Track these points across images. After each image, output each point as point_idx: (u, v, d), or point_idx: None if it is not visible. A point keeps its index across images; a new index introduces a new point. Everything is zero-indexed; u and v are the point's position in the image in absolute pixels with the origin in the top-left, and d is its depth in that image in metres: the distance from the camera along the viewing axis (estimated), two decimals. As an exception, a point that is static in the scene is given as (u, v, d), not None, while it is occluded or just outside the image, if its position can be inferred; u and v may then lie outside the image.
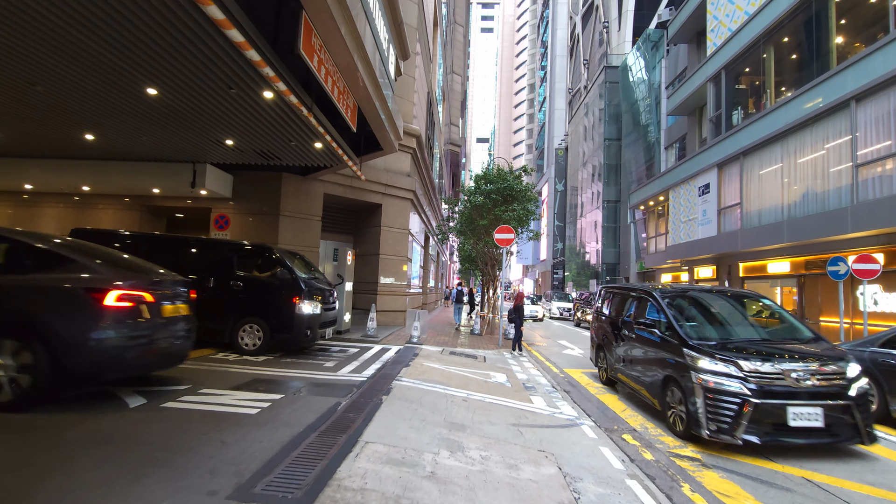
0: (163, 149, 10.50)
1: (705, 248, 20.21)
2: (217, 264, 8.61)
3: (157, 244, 9.18)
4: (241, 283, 8.43)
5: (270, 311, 8.20)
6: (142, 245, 8.91)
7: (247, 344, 8.18)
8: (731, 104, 19.74)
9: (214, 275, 8.45)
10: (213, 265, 8.60)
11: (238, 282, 8.43)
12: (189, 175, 11.47)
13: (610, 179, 39.54)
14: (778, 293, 18.57)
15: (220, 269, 8.52)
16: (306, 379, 6.60)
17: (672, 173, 24.25)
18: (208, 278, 8.35)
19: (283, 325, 8.16)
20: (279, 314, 8.17)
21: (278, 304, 8.19)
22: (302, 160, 11.00)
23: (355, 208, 15.48)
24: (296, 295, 8.20)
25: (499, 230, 13.17)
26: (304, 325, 8.23)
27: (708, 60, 20.96)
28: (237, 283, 8.42)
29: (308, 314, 8.27)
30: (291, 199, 12.88)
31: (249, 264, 8.76)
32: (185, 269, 7.87)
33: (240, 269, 8.58)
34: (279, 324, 8.17)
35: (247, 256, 8.81)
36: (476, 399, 6.48)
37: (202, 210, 13.14)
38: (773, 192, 16.58)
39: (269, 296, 8.32)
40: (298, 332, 8.18)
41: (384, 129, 9.10)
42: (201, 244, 9.23)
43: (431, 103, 22.24)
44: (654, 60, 32.25)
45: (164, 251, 8.92)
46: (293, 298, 8.19)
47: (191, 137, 9.39)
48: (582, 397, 7.75)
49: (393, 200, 15.16)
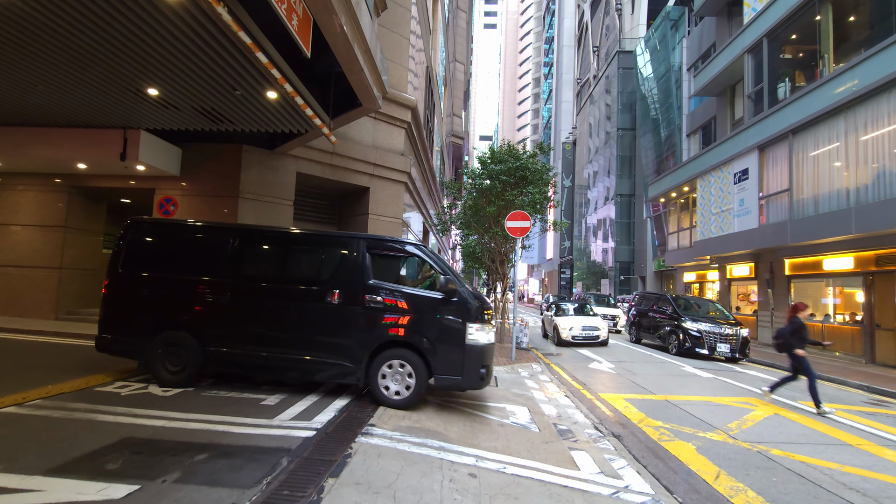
0: (77, 107, 8.05)
1: (743, 242, 17.64)
2: (344, 269, 5.79)
3: (253, 240, 6.15)
4: (381, 296, 5.62)
5: (428, 339, 5.47)
6: (228, 242, 5.98)
7: (392, 390, 5.47)
8: (775, 77, 17.17)
9: (339, 284, 5.66)
10: (337, 270, 5.82)
11: (376, 295, 5.62)
12: (119, 144, 9.02)
13: (623, 172, 36.95)
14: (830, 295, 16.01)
15: (348, 276, 5.72)
16: (215, 435, 4.10)
17: (699, 160, 21.69)
18: (330, 290, 5.63)
19: (449, 362, 5.46)
20: (442, 345, 5.48)
21: (439, 328, 5.50)
22: (259, 122, 8.53)
23: (338, 192, 13.00)
24: (465, 315, 5.51)
25: (511, 216, 10.67)
26: (480, 362, 5.49)
27: (745, 29, 18.39)
28: (374, 296, 5.60)
29: (484, 345, 5.54)
30: (255, 177, 10.40)
31: (392, 268, 6.05)
32: (297, 274, 6.01)
33: (379, 274, 5.76)
34: (443, 360, 5.47)
35: (388, 257, 5.96)
36: (492, 470, 3.98)
37: (149, 192, 10.67)
38: (833, 175, 14.01)
39: (425, 316, 5.55)
40: (472, 372, 5.44)
41: (359, 68, 6.61)
42: (322, 240, 6.22)
43: (431, 81, 19.76)
44: (673, 41, 29.69)
45: (263, 250, 6.19)
46: (462, 320, 5.50)
47: (98, 84, 6.93)
48: (643, 448, 5.26)
49: (383, 183, 12.67)
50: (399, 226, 12.98)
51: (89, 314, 10.77)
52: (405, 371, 5.44)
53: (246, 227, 6.17)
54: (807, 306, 8.35)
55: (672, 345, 13.63)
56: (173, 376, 5.62)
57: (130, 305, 5.90)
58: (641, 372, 10.20)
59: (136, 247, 6.08)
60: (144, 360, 5.74)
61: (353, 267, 5.69)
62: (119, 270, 5.97)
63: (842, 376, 10.74)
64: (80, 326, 9.66)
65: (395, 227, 12.85)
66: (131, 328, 5.83)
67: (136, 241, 6.11)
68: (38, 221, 10.77)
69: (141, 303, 5.87)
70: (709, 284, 24.14)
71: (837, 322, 14.93)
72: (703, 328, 12.99)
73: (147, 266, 5.99)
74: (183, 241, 6.19)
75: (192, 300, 5.76)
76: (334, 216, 13.38)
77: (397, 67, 12.88)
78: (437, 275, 5.64)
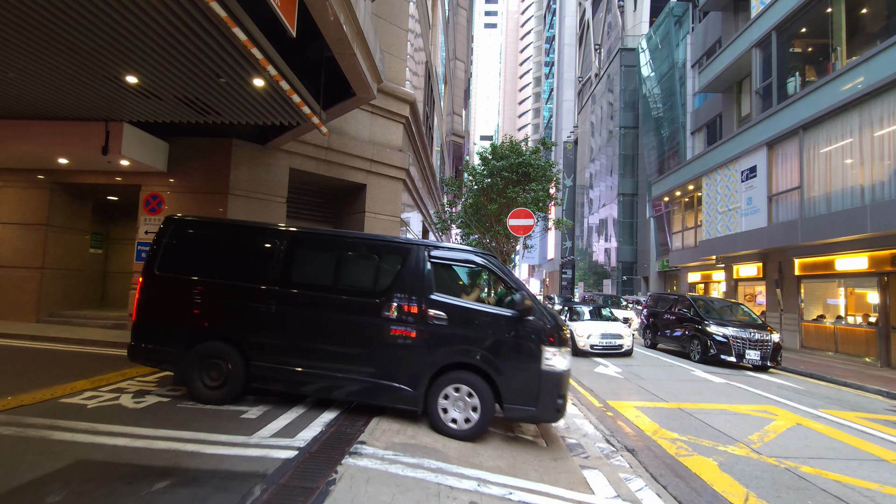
0: (54, 98, 7.60)
1: (751, 241, 17.16)
2: (403, 279, 5.05)
3: (302, 244, 5.48)
4: (445, 312, 4.89)
5: (498, 363, 4.74)
6: (275, 245, 5.34)
7: (452, 417, 4.77)
8: (784, 71, 16.70)
9: (398, 297, 4.98)
10: (396, 281, 5.06)
11: (440, 310, 4.89)
12: (101, 138, 8.56)
13: (626, 171, 36.45)
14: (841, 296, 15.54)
15: (408, 288, 4.99)
16: (182, 457, 3.64)
17: (705, 158, 21.22)
18: (387, 302, 4.96)
19: (522, 390, 4.71)
20: (514, 370, 4.74)
21: (511, 351, 4.79)
22: (247, 113, 8.07)
23: (333, 189, 12.54)
24: (541, 336, 4.77)
25: (513, 214, 10.22)
26: (557, 391, 4.71)
27: (753, 23, 17.92)
28: (437, 311, 4.89)
29: (561, 371, 4.76)
30: (246, 173, 9.94)
31: (456, 281, 5.55)
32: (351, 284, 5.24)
33: (442, 287, 5.06)
34: (515, 387, 4.72)
35: (452, 268, 5.39)
36: (497, 496, 3.51)
37: (137, 189, 10.20)
38: (846, 172, 13.54)
39: (495, 336, 4.83)
40: (547, 403, 4.68)
41: (351, 52, 6.15)
42: (379, 246, 5.38)
43: (430, 77, 19.30)
44: (677, 37, 29.21)
45: (314, 256, 5.52)
46: (537, 342, 4.76)
47: (72, 70, 6.48)
48: (661, 465, 4.79)
49: (380, 180, 12.21)
50: (397, 224, 12.53)
51: (73, 316, 10.32)
52: (469, 398, 4.73)
53: (295, 230, 5.44)
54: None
55: (694, 351, 12.39)
56: (212, 391, 5.01)
57: (167, 311, 5.34)
58: (650, 377, 9.74)
59: (174, 246, 5.47)
60: (181, 373, 5.11)
61: (414, 278, 5.00)
62: (155, 272, 5.37)
63: (858, 380, 10.27)
64: (61, 330, 9.20)
65: (393, 225, 12.39)
66: (167, 336, 5.27)
67: (174, 240, 5.49)
68: (20, 219, 10.31)
69: (179, 308, 5.29)
70: (714, 285, 23.66)
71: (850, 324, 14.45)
72: (730, 333, 11.71)
73: (186, 268, 5.40)
74: (226, 242, 5.56)
75: (234, 308, 5.15)
76: (329, 214, 12.91)
77: (395, 60, 12.44)
78: (509, 290, 5.01)
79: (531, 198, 11.38)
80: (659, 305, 15.29)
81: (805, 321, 15.88)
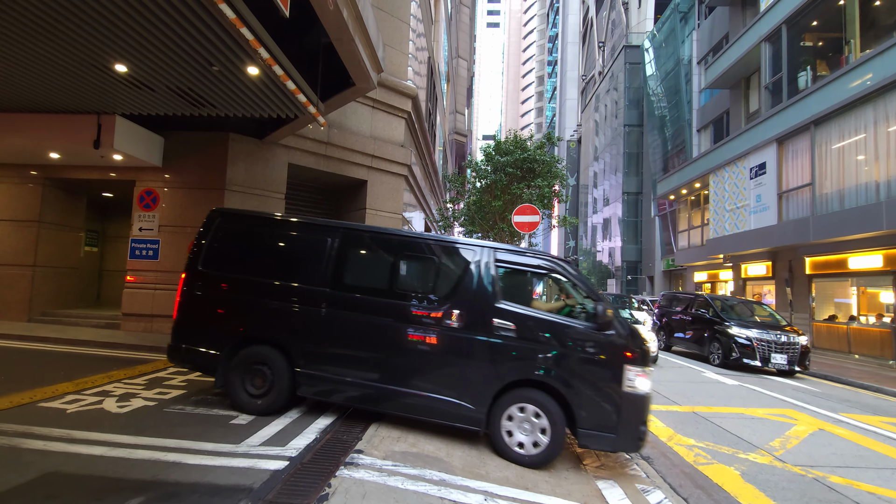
0: (43, 89, 7.32)
1: (761, 240, 16.82)
2: (467, 285, 4.56)
3: (355, 242, 4.99)
4: (513, 322, 4.36)
5: (572, 382, 4.21)
6: (326, 242, 4.89)
7: (520, 444, 4.25)
8: (795, 66, 16.33)
9: (461, 304, 4.49)
10: (459, 286, 4.58)
11: (507, 320, 4.37)
12: (93, 131, 8.28)
13: (630, 169, 36.07)
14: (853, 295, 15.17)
15: (472, 295, 4.52)
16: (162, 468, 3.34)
17: (712, 155, 20.87)
18: (449, 309, 4.49)
19: (599, 414, 4.15)
20: (591, 391, 4.20)
21: (588, 369, 4.25)
22: (243, 104, 7.77)
23: (333, 186, 12.24)
24: (622, 353, 4.20)
25: (518, 211, 9.90)
26: (640, 416, 4.15)
27: (762, 16, 17.57)
28: (504, 321, 4.37)
29: (645, 394, 4.16)
30: (242, 168, 9.65)
31: (524, 287, 5.02)
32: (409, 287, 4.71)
33: (508, 294, 4.54)
34: (591, 410, 4.16)
35: (521, 273, 4.71)
36: (504, 511, 3.21)
37: (131, 185, 9.92)
38: (859, 168, 13.18)
39: (570, 351, 4.28)
40: (629, 430, 4.12)
41: (349, 37, 5.84)
42: (440, 247, 4.82)
43: (433, 72, 18.97)
44: (683, 34, 28.84)
45: (368, 255, 5.05)
46: (619, 360, 4.19)
47: (57, 58, 6.19)
48: (680, 475, 4.48)
49: (382, 176, 11.90)
50: (399, 222, 12.22)
51: (65, 316, 10.05)
52: (537, 419, 4.21)
53: (348, 226, 5.01)
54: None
55: (714, 354, 11.59)
56: (255, 400, 4.62)
57: (209, 310, 4.96)
58: (659, 377, 9.40)
59: (220, 242, 5.09)
60: (223, 379, 4.73)
61: (479, 283, 4.52)
62: (199, 268, 5.00)
63: (875, 382, 9.92)
64: (52, 329, 8.93)
65: (395, 223, 12.09)
66: (209, 337, 4.90)
67: (220, 235, 5.11)
68: (11, 216, 10.03)
69: (223, 308, 4.93)
70: (721, 284, 23.29)
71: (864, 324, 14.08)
72: (754, 335, 10.80)
73: (231, 265, 5.03)
74: (274, 238, 5.13)
75: (280, 309, 4.76)
76: (329, 211, 12.62)
77: (397, 54, 12.13)
78: (585, 299, 4.47)
79: (536, 194, 11.05)
80: (673, 305, 14.47)
81: (816, 321, 15.51)
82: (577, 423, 4.16)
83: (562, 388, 4.19)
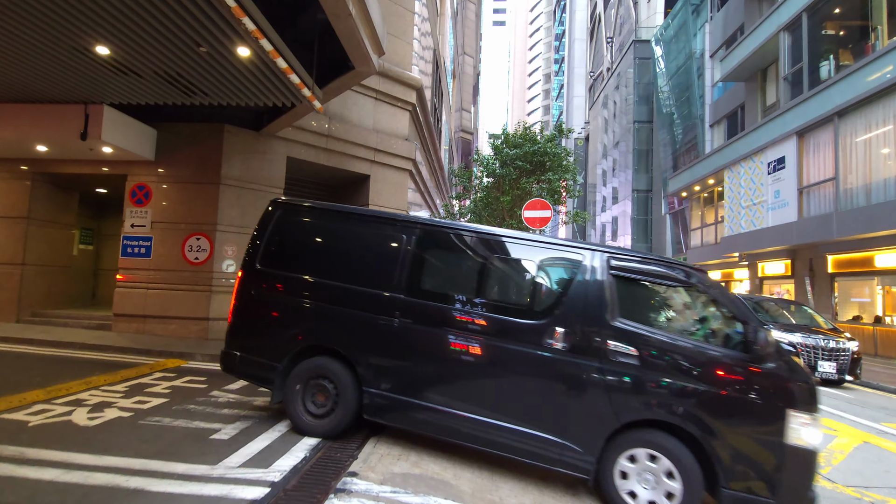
0: (24, 75, 6.90)
1: (779, 237, 16.15)
2: (574, 297, 3.74)
3: (435, 241, 4.30)
4: (635, 346, 3.50)
5: (715, 427, 3.27)
6: (402, 241, 4.20)
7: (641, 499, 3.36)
8: (816, 56, 15.66)
9: (566, 320, 3.67)
10: (563, 298, 3.78)
11: (626, 344, 3.51)
12: (80, 122, 7.85)
13: (640, 167, 35.36)
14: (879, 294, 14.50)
15: (580, 310, 3.67)
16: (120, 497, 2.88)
17: (726, 151, 20.21)
18: (550, 326, 3.67)
19: (752, 470, 3.22)
20: (741, 439, 3.25)
21: (738, 412, 3.29)
22: (235, 91, 7.31)
23: (335, 181, 11.78)
24: (786, 394, 3.26)
25: (529, 205, 9.38)
26: (808, 477, 3.20)
27: (781, 5, 16.89)
28: (622, 345, 3.51)
29: (815, 448, 3.19)
30: (239, 162, 9.19)
31: (648, 303, 3.95)
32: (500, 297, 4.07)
33: (628, 311, 3.65)
34: (741, 465, 3.22)
35: (643, 284, 3.79)
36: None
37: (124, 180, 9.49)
38: (888, 161, 12.53)
39: (713, 387, 3.34)
40: (793, 494, 3.18)
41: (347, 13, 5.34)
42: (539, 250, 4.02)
43: (438, 66, 18.48)
44: (694, 27, 28.12)
45: (450, 257, 4.33)
46: (781, 402, 3.24)
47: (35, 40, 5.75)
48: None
49: (385, 171, 11.42)
50: (403, 218, 11.72)
51: (56, 316, 9.64)
52: (664, 470, 3.31)
53: (426, 223, 4.28)
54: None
55: None
56: (315, 420, 4.06)
57: (267, 314, 4.41)
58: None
59: (280, 236, 4.51)
60: (280, 393, 4.18)
61: (589, 295, 3.68)
62: (257, 266, 4.43)
63: (910, 388, 9.31)
64: (40, 331, 8.51)
65: (399, 219, 11.58)
66: (266, 345, 4.34)
67: (280, 230, 4.52)
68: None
69: (281, 312, 4.38)
70: (736, 284, 22.61)
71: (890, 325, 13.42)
72: (797, 340, 9.27)
73: (292, 264, 4.46)
74: (341, 234, 4.48)
75: (346, 317, 4.14)
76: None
77: (401, 43, 11.64)
78: (732, 321, 3.51)
79: (546, 189, 10.52)
80: None
81: (840, 322, 14.84)
82: (720, 478, 3.22)
83: (699, 434, 3.26)
